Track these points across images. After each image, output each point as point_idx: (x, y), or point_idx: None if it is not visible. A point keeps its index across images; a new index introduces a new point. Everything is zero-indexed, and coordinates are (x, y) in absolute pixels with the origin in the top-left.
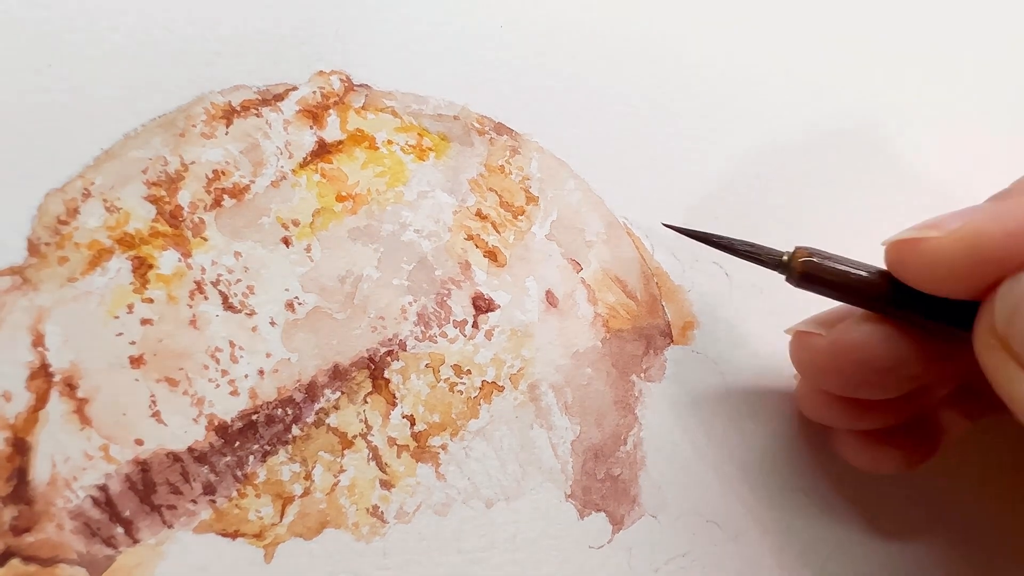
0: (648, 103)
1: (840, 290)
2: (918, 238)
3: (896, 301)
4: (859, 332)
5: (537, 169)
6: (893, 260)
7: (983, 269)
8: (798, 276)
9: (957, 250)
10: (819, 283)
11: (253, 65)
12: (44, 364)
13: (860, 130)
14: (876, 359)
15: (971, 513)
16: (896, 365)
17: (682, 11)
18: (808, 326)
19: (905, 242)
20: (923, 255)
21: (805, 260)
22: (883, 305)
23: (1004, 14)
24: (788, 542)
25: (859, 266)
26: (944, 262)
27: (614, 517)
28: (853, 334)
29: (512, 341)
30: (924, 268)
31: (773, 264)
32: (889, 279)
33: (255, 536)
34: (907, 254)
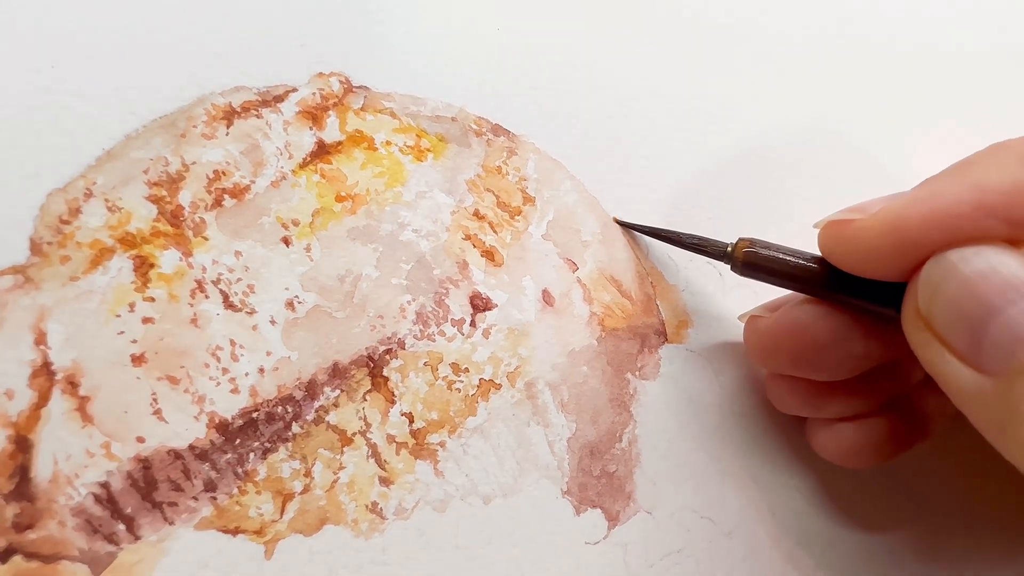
0: (643, 105)
1: (780, 276)
2: (843, 220)
3: (832, 285)
4: (798, 311)
5: (534, 170)
6: (823, 243)
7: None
8: (740, 265)
9: (879, 232)
10: (760, 270)
11: (253, 66)
12: (46, 362)
13: (859, 134)
14: (815, 337)
15: (968, 509)
16: (836, 342)
17: (676, 13)
18: (756, 311)
19: (832, 224)
20: (848, 238)
21: (747, 250)
22: (820, 289)
23: (986, 13)
24: (782, 538)
25: (798, 254)
26: (868, 244)
27: (609, 513)
28: (792, 313)
29: (509, 340)
30: (850, 250)
31: (718, 255)
32: (825, 265)
33: (255, 533)
34: (834, 237)
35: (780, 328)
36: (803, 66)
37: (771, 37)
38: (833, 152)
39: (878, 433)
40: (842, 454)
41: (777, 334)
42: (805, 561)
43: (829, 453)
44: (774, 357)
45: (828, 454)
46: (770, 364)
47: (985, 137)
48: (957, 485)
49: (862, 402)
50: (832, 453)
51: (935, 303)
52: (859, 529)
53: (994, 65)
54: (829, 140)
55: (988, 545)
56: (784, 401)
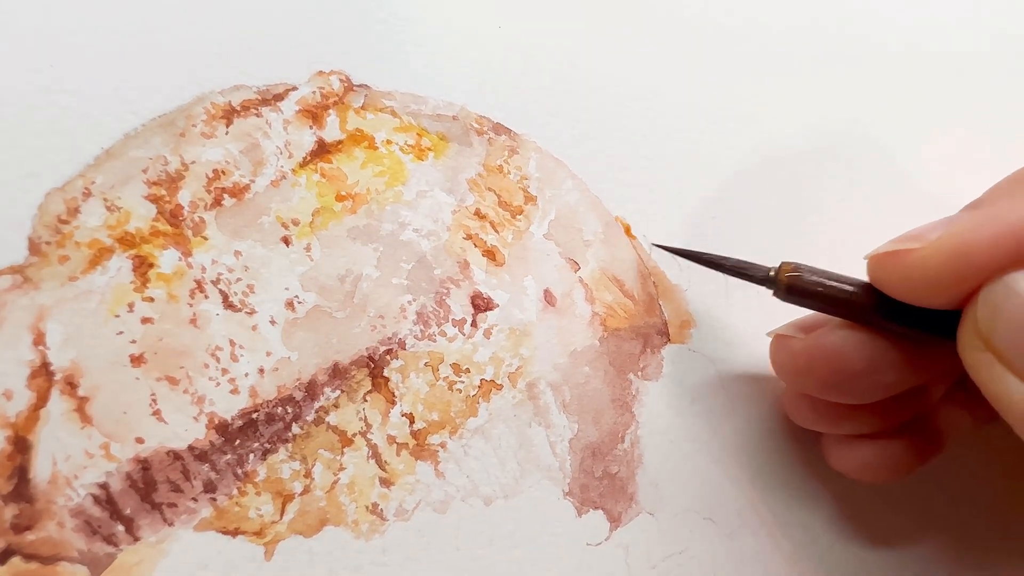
0: (645, 103)
1: (825, 303)
2: (900, 250)
3: (879, 312)
4: (835, 337)
5: (535, 169)
6: (875, 273)
7: (965, 278)
8: (784, 290)
9: (939, 261)
10: (805, 296)
11: (253, 65)
12: (45, 363)
13: (855, 131)
14: (850, 364)
15: (967, 511)
16: (870, 371)
17: (678, 12)
18: (787, 330)
19: (887, 255)
20: (905, 267)
21: (791, 275)
22: (867, 316)
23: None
24: (784, 539)
25: (843, 279)
26: (927, 273)
27: (611, 515)
28: (829, 339)
29: (510, 340)
30: (907, 280)
31: (760, 279)
32: (872, 291)
33: (255, 534)
34: (889, 267)
35: (815, 353)
36: (805, 65)
37: (772, 36)
38: (833, 151)
39: (896, 451)
40: (859, 470)
41: (811, 358)
42: (807, 562)
43: (846, 469)
44: (805, 380)
45: (845, 469)
46: (798, 385)
47: (1003, 140)
48: (961, 493)
49: (882, 421)
50: (849, 469)
51: (996, 323)
52: (860, 530)
53: (1017, 67)
54: (830, 139)
55: (988, 552)
56: (803, 417)
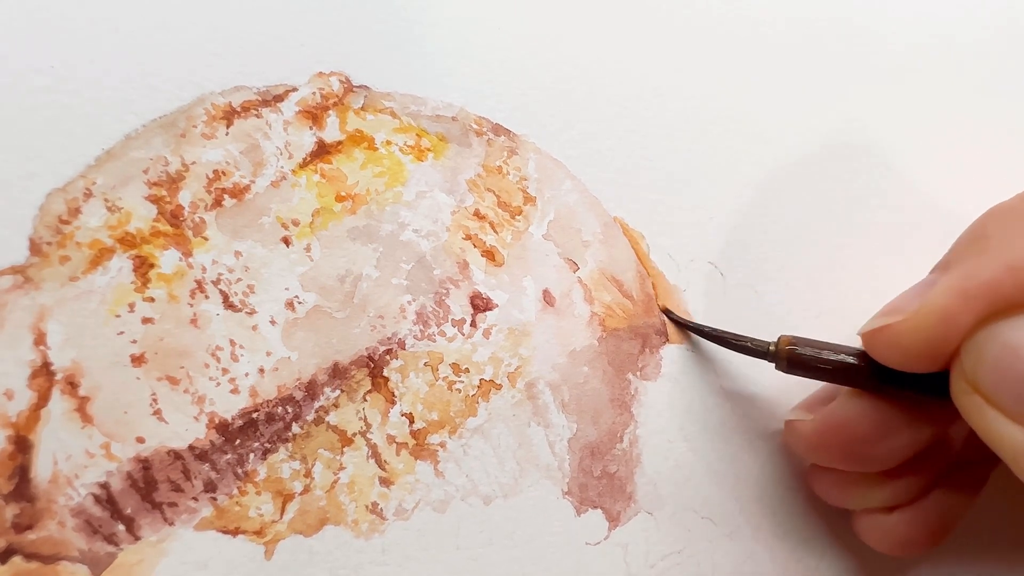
0: (644, 104)
1: (826, 374)
2: (884, 326)
3: (878, 379)
4: (840, 410)
5: (534, 169)
6: (869, 348)
7: (948, 341)
8: (785, 364)
9: (922, 332)
10: (805, 368)
11: (253, 66)
12: (46, 362)
13: (857, 132)
14: (860, 432)
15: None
16: (880, 435)
17: (679, 12)
18: (795, 414)
19: (875, 331)
20: (892, 339)
21: (790, 349)
22: (866, 383)
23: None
24: (783, 539)
25: (841, 350)
26: (912, 343)
27: (610, 514)
28: (835, 413)
29: (510, 340)
30: (896, 351)
31: (761, 354)
32: (870, 360)
33: (256, 533)
34: (879, 341)
35: (824, 429)
36: (806, 65)
37: (772, 36)
38: (834, 151)
39: (931, 516)
40: (896, 546)
41: (822, 435)
42: (807, 562)
43: (881, 546)
44: (821, 455)
45: (880, 547)
46: (817, 460)
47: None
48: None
49: (911, 486)
50: (885, 545)
51: (980, 367)
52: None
53: None
54: (831, 139)
55: (988, 551)
56: (831, 495)
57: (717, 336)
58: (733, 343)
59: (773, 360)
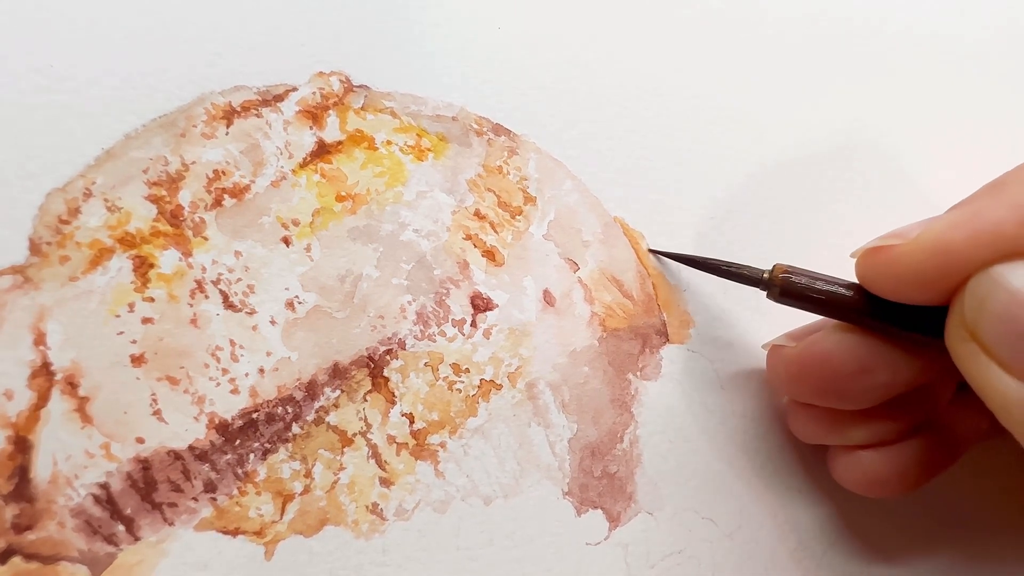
0: (645, 104)
1: (817, 304)
2: (883, 246)
3: (870, 313)
4: (826, 341)
5: (535, 169)
6: (862, 272)
7: (949, 273)
8: (777, 292)
9: (921, 256)
10: (797, 298)
11: (253, 65)
12: (45, 362)
13: (858, 132)
14: (842, 366)
15: (968, 510)
16: (863, 372)
17: (680, 13)
18: (780, 340)
19: (871, 251)
20: (889, 264)
21: (784, 277)
22: (858, 317)
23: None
24: (783, 539)
25: (835, 281)
26: (909, 269)
27: (611, 514)
28: (821, 343)
29: (510, 340)
30: (891, 277)
31: (754, 282)
32: (863, 292)
33: (256, 534)
34: (874, 264)
35: (807, 357)
36: (807, 65)
37: (773, 35)
38: (835, 152)
39: (904, 460)
40: (867, 484)
41: (803, 363)
42: (807, 562)
43: (852, 483)
44: (799, 386)
45: (851, 484)
46: (794, 393)
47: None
48: (963, 492)
49: (888, 428)
50: (856, 483)
51: (982, 315)
52: (859, 530)
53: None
54: (832, 140)
55: (991, 550)
56: (806, 430)
57: (708, 264)
58: (724, 271)
59: (765, 288)
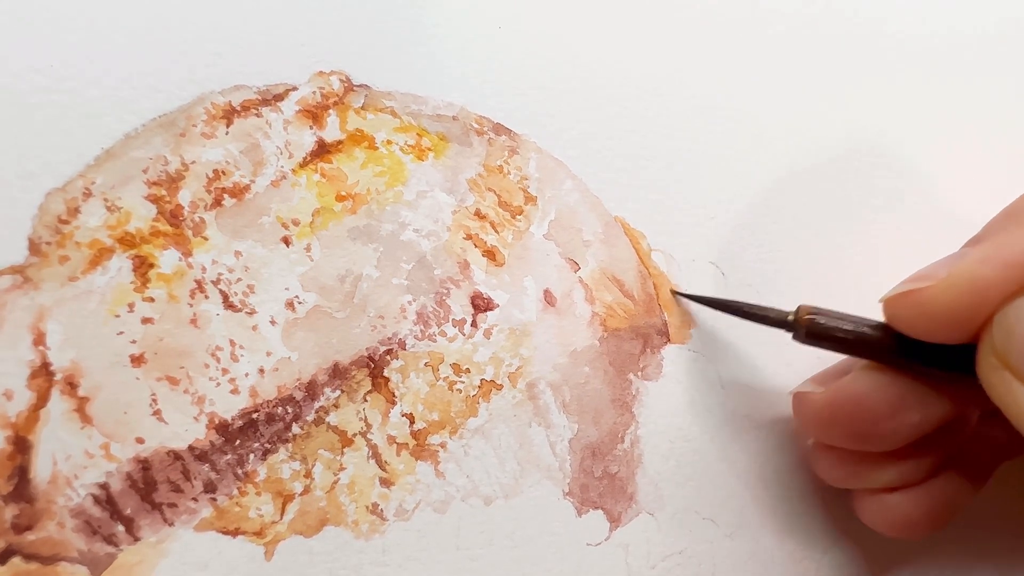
0: (645, 103)
1: (845, 345)
2: (912, 290)
3: (899, 352)
4: (856, 384)
5: (535, 169)
6: (892, 314)
7: (977, 310)
8: (804, 334)
9: (951, 296)
10: (824, 339)
11: (253, 65)
12: (45, 363)
13: (858, 131)
14: (874, 408)
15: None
16: (894, 412)
17: (680, 12)
18: (806, 386)
19: (900, 296)
20: (918, 305)
21: (809, 319)
22: (887, 356)
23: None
24: (784, 539)
25: (861, 322)
26: (940, 309)
27: (611, 514)
28: (851, 386)
29: (510, 340)
30: (921, 318)
31: (779, 324)
32: (891, 332)
33: (255, 534)
34: (904, 307)
35: (838, 401)
36: (807, 64)
37: (774, 35)
38: (835, 152)
39: (932, 500)
40: (897, 527)
41: (835, 407)
42: (808, 563)
43: (882, 526)
44: (830, 431)
45: (881, 527)
46: (825, 437)
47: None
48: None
49: (916, 468)
50: (885, 526)
51: (1011, 342)
52: (860, 530)
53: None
54: (832, 139)
55: (991, 549)
56: (833, 473)
57: (733, 307)
58: (750, 313)
59: (791, 330)
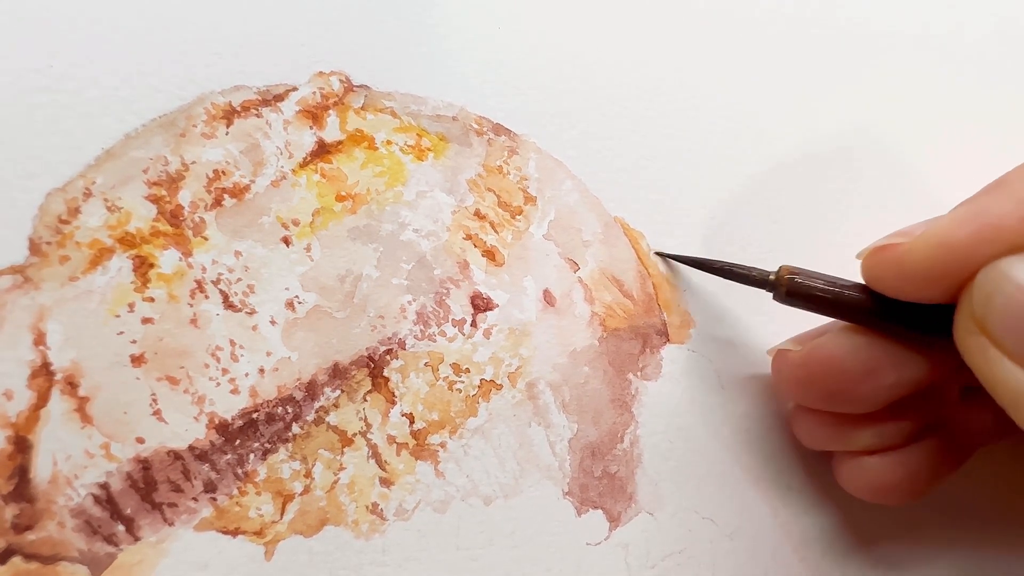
0: (645, 104)
1: (823, 304)
2: (888, 245)
3: (877, 312)
4: (832, 343)
5: (535, 169)
6: (868, 271)
7: (954, 269)
8: (784, 294)
9: (927, 253)
10: (803, 298)
11: (253, 65)
12: (45, 363)
13: (859, 132)
14: (849, 368)
15: (973, 511)
16: (869, 373)
17: (680, 12)
18: (785, 344)
19: (877, 251)
20: (895, 262)
21: (790, 278)
22: (865, 317)
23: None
24: (783, 539)
25: (841, 283)
26: (915, 266)
27: (611, 514)
28: (826, 345)
29: (510, 340)
30: (897, 275)
31: (759, 283)
32: (869, 292)
33: (256, 534)
34: (880, 263)
35: (813, 360)
36: (807, 64)
37: (774, 35)
38: (836, 152)
39: (911, 465)
40: (874, 490)
41: (810, 366)
42: (808, 562)
43: (859, 489)
44: (806, 390)
45: (858, 490)
46: (801, 398)
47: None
48: (963, 491)
49: (895, 432)
50: (862, 489)
51: (990, 307)
52: (860, 530)
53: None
54: (833, 140)
55: (993, 551)
56: (811, 435)
57: (713, 266)
58: (729, 273)
59: (771, 289)
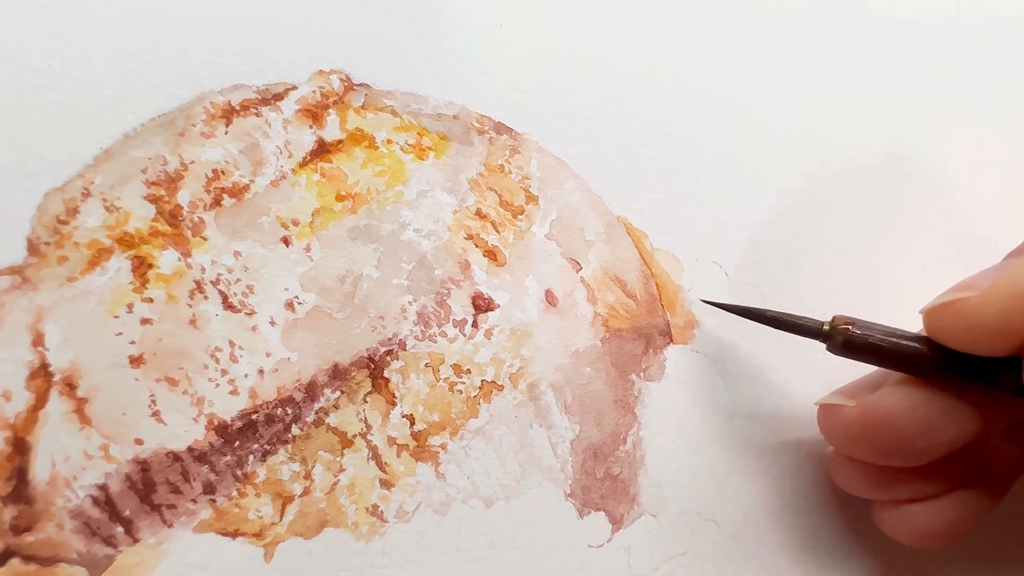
0: (646, 103)
1: (880, 357)
2: (955, 300)
3: (939, 365)
4: (891, 399)
5: (537, 168)
6: (933, 325)
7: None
8: (840, 346)
9: (995, 307)
10: (859, 351)
11: (253, 65)
12: (44, 363)
13: (859, 129)
14: (908, 426)
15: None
16: (928, 431)
17: (682, 11)
18: (834, 398)
19: (943, 306)
20: (961, 316)
21: (845, 328)
22: (925, 370)
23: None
24: (786, 541)
25: (899, 333)
26: (984, 320)
27: (613, 516)
28: (884, 402)
29: (511, 340)
30: (964, 329)
31: (813, 334)
32: (929, 343)
33: (255, 535)
34: (946, 317)
35: (870, 417)
36: (809, 62)
37: (776, 33)
38: (835, 149)
39: (956, 511)
40: (918, 537)
41: (866, 423)
42: (810, 564)
43: (902, 536)
44: (859, 446)
45: (901, 537)
46: (853, 452)
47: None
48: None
49: (940, 482)
50: (905, 536)
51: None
52: (863, 532)
53: None
54: (833, 137)
55: (995, 551)
56: (853, 483)
57: (766, 316)
58: (783, 323)
59: (825, 340)
